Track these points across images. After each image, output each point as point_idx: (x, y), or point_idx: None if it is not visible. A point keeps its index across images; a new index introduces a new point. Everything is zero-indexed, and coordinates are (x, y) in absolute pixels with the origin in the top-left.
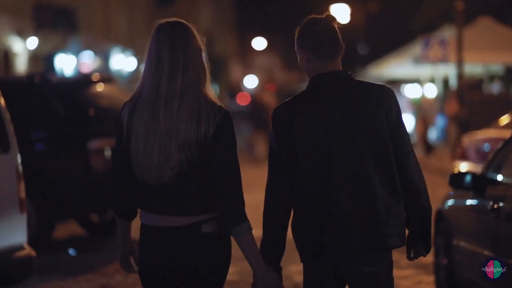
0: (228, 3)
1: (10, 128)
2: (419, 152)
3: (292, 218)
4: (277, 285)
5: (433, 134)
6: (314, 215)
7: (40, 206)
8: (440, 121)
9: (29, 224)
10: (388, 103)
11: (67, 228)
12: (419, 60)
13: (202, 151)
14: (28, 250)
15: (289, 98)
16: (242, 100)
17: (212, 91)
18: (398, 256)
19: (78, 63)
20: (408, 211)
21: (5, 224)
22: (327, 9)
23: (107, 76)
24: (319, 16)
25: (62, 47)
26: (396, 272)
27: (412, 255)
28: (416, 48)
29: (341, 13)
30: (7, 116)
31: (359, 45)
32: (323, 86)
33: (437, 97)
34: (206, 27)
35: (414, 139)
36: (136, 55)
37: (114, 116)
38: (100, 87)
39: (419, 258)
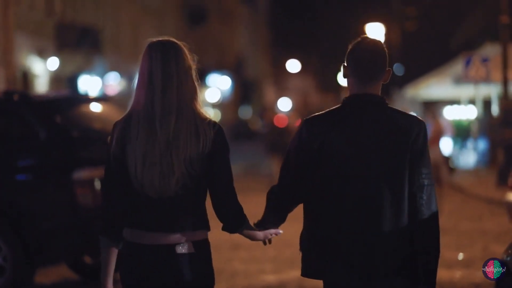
0: (262, 24)
1: None
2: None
3: (306, 233)
4: (267, 232)
5: (470, 158)
6: (323, 230)
7: (16, 248)
8: (481, 145)
9: (3, 271)
10: (415, 134)
11: (57, 272)
12: (460, 79)
13: (201, 168)
14: None
15: (321, 112)
16: (280, 122)
17: (202, 108)
18: None
19: (103, 85)
20: (415, 245)
21: None
22: (363, 29)
23: (100, 95)
24: (369, 38)
25: (86, 68)
26: None
27: None
28: (456, 67)
29: (376, 33)
30: None
31: (395, 66)
32: (354, 107)
33: (477, 118)
34: (240, 49)
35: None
36: None
37: (106, 141)
38: (91, 107)
39: None
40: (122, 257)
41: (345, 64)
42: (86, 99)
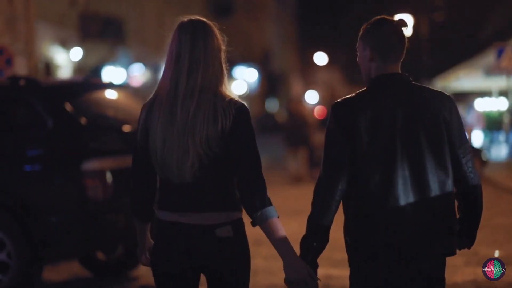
0: (290, 17)
1: None
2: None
3: (346, 218)
4: (306, 273)
5: (502, 150)
6: (371, 214)
7: (21, 244)
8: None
9: (7, 268)
10: (448, 108)
11: (68, 269)
12: (491, 71)
13: (222, 146)
14: None
15: (351, 95)
16: (320, 114)
17: (230, 90)
18: None
19: (128, 76)
20: (461, 205)
21: None
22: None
23: (115, 82)
24: (390, 18)
25: (109, 59)
26: None
27: (457, 247)
28: (486, 59)
29: None
30: None
31: (424, 57)
32: (385, 87)
33: (508, 110)
34: (267, 41)
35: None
36: None
37: (119, 130)
38: (104, 94)
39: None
40: (155, 236)
41: (364, 46)
42: (99, 85)
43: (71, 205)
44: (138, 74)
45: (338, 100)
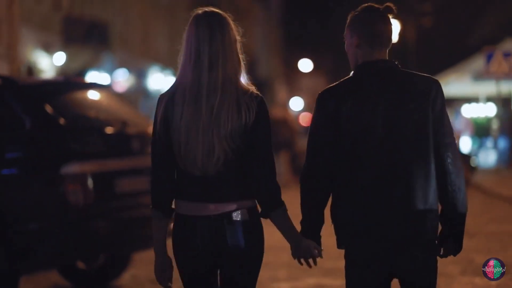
0: (275, 24)
1: None
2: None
3: (331, 204)
4: (311, 248)
5: (490, 157)
6: (355, 201)
7: None
8: (501, 143)
9: None
10: (433, 94)
11: (47, 279)
12: (480, 76)
13: (244, 140)
14: None
15: (335, 83)
16: (305, 121)
17: (247, 81)
18: None
19: (112, 81)
20: (442, 205)
21: None
22: None
23: (97, 81)
24: (377, 5)
25: (94, 64)
26: None
27: (442, 253)
28: (475, 64)
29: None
30: None
31: (411, 62)
32: (370, 74)
33: (497, 116)
34: (252, 48)
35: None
36: (175, 74)
37: (101, 132)
38: (86, 94)
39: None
40: (174, 228)
41: (351, 33)
42: (81, 85)
43: (50, 211)
44: (122, 79)
45: (324, 89)
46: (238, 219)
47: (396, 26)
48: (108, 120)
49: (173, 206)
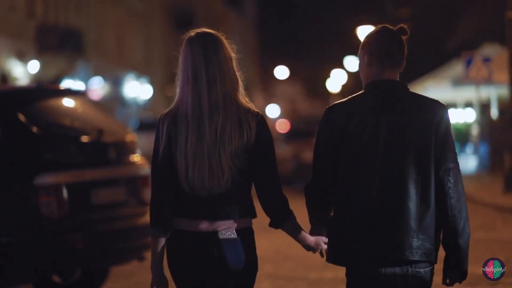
0: (250, 30)
1: None
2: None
3: (331, 219)
4: (319, 243)
5: (470, 163)
6: (351, 217)
7: None
8: (482, 149)
9: None
10: (439, 118)
11: None
12: (459, 81)
13: (246, 158)
14: None
15: (343, 100)
16: (282, 128)
17: (245, 97)
18: None
19: (87, 89)
20: (444, 230)
21: None
22: (354, 32)
23: (72, 87)
24: (390, 26)
25: (68, 72)
26: None
27: (448, 281)
28: (453, 69)
29: None
30: None
31: None
32: (378, 92)
33: (476, 122)
34: None
35: None
36: (151, 82)
37: (77, 141)
38: (60, 101)
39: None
40: (168, 244)
41: (363, 53)
42: (55, 92)
43: (23, 224)
44: (97, 87)
45: (332, 104)
46: (230, 237)
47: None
48: (83, 128)
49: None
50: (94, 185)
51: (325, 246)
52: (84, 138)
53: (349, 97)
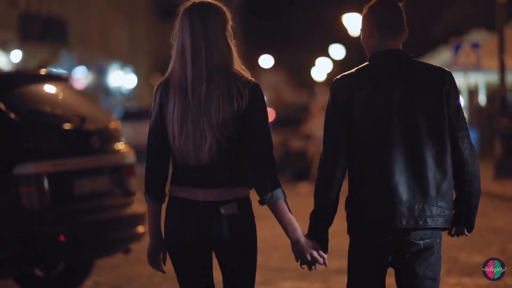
0: (235, 19)
1: None
2: None
3: (349, 191)
4: (313, 251)
5: None
6: (368, 189)
7: None
8: (471, 136)
9: None
10: (448, 86)
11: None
12: (448, 67)
13: (238, 126)
14: None
15: (348, 72)
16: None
17: (242, 66)
18: None
19: (69, 75)
20: (457, 192)
21: None
22: (339, 20)
23: (53, 73)
24: None
25: (52, 62)
26: None
27: (453, 232)
28: (440, 56)
29: (353, 23)
30: None
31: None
32: (383, 64)
33: (465, 108)
34: None
35: None
36: (136, 72)
37: (58, 129)
38: (41, 87)
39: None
40: (166, 211)
41: (364, 25)
42: (35, 77)
43: (2, 216)
44: (81, 77)
45: (337, 77)
46: (225, 213)
47: (358, 20)
48: (65, 115)
49: (166, 191)
50: (77, 175)
51: (320, 261)
52: (66, 126)
53: (354, 69)
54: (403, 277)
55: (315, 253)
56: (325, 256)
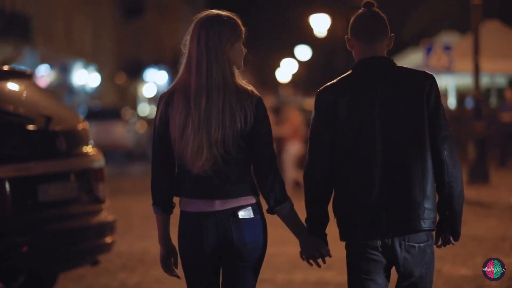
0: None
1: None
2: None
3: (333, 198)
4: (319, 248)
5: None
6: (353, 195)
7: None
8: None
9: None
10: (428, 88)
11: None
12: (421, 69)
13: (240, 145)
14: None
15: (334, 81)
16: None
17: (242, 81)
18: None
19: (33, 73)
20: (440, 196)
21: None
22: (306, 21)
23: (17, 70)
24: (368, 1)
25: (14, 59)
26: None
27: (440, 242)
28: (410, 58)
29: (321, 24)
30: None
31: (341, 57)
32: (365, 70)
33: None
34: (178, 43)
35: None
36: (100, 71)
37: (21, 130)
38: (2, 84)
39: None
40: (179, 226)
41: (349, 35)
42: None
43: None
44: (44, 74)
45: (321, 88)
46: (245, 217)
47: (325, 21)
48: (29, 115)
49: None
50: (41, 180)
51: (324, 253)
52: (30, 126)
53: (339, 78)
54: (400, 279)
55: (320, 249)
56: (327, 249)
